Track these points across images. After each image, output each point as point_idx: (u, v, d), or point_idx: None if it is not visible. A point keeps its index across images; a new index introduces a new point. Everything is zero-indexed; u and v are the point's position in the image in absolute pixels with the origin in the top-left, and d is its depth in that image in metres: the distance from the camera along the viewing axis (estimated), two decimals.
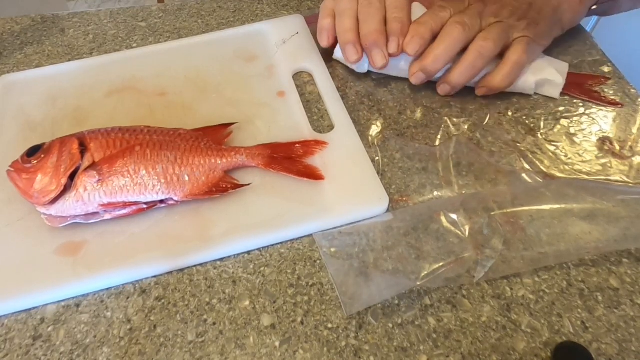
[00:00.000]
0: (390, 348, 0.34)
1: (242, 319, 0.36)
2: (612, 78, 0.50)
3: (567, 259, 0.38)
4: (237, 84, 0.50)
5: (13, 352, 0.35)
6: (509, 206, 0.40)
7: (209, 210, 0.40)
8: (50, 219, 0.38)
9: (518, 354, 0.34)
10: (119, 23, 0.59)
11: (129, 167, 0.38)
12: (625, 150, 0.45)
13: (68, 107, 0.49)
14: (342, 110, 0.47)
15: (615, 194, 0.40)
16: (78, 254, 0.38)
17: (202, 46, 0.54)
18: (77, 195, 0.38)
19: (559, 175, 0.43)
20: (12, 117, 0.48)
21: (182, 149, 0.40)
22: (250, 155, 0.42)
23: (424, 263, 0.37)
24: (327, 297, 0.37)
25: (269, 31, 0.55)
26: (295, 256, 0.39)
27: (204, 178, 0.40)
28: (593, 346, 0.34)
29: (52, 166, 0.37)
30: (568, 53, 0.53)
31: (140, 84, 0.50)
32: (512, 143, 0.45)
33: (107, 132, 0.40)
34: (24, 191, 0.37)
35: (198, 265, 0.39)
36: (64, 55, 0.55)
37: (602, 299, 0.36)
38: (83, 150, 0.38)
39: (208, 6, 0.61)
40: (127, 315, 0.36)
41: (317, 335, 0.35)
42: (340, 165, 0.42)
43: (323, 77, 0.50)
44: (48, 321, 0.36)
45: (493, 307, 0.36)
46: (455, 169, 0.44)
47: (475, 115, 0.48)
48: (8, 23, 0.59)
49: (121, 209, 0.39)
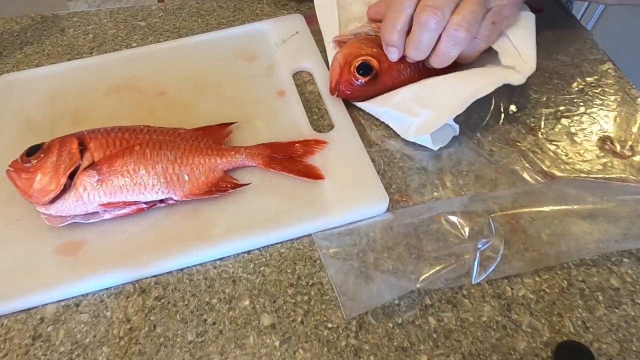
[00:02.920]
0: (391, 348, 0.34)
1: (242, 318, 0.36)
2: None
3: (568, 259, 0.38)
4: (237, 83, 0.50)
5: (13, 352, 0.35)
6: (510, 207, 0.40)
7: (209, 210, 0.40)
8: (49, 219, 0.38)
9: (518, 354, 0.34)
10: (118, 22, 0.59)
11: (129, 166, 0.38)
12: (625, 150, 0.45)
13: (67, 107, 0.48)
14: (342, 109, 0.47)
15: (616, 193, 0.40)
16: (78, 254, 0.38)
17: (201, 46, 0.54)
18: (77, 194, 0.37)
19: (559, 174, 0.43)
20: (12, 117, 0.48)
21: (182, 149, 0.40)
22: (250, 154, 0.42)
23: (424, 264, 0.37)
24: (327, 296, 0.37)
25: (269, 30, 0.55)
26: (295, 256, 0.39)
27: (203, 177, 0.40)
28: (594, 346, 0.34)
29: (51, 166, 0.37)
30: (568, 52, 0.53)
31: (139, 84, 0.50)
32: (512, 142, 0.45)
33: (107, 132, 0.39)
34: (24, 191, 0.37)
35: (198, 264, 0.39)
36: (63, 54, 0.55)
37: (603, 299, 0.36)
38: (83, 149, 0.38)
39: (208, 5, 0.61)
40: (126, 315, 0.36)
41: (317, 335, 0.35)
42: (340, 165, 0.42)
43: (323, 76, 0.50)
44: (48, 321, 0.36)
45: (493, 307, 0.36)
46: (455, 169, 0.44)
47: (476, 114, 0.47)
48: (8, 22, 0.59)
49: (121, 208, 0.39)
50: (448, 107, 0.42)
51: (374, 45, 0.46)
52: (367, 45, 0.46)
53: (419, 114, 0.43)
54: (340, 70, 0.45)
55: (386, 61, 0.45)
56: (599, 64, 0.52)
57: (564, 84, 0.50)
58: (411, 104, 0.44)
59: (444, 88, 0.44)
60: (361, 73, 0.45)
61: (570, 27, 0.56)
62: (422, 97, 0.44)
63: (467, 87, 0.42)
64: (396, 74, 0.46)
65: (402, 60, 0.45)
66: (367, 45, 0.46)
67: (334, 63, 0.46)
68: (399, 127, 0.46)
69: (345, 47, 0.47)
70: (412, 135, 0.44)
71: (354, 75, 0.45)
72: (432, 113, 0.43)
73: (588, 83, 0.50)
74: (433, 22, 0.40)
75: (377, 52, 0.45)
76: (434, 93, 0.44)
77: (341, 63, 0.45)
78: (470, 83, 0.43)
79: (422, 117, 0.43)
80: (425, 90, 0.44)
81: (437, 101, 0.43)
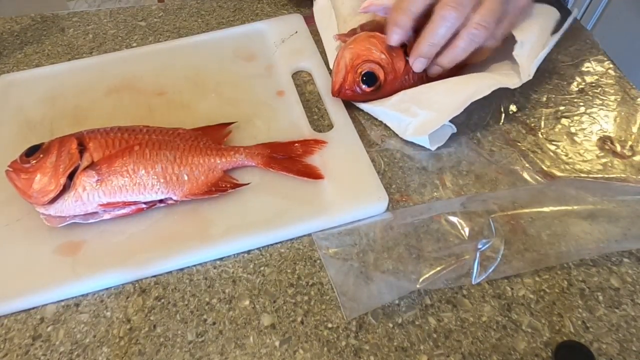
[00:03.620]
0: (391, 348, 0.34)
1: (242, 318, 0.36)
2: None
3: (568, 259, 0.38)
4: (236, 83, 0.50)
5: (12, 352, 0.35)
6: (510, 207, 0.40)
7: (208, 210, 0.40)
8: (49, 219, 0.38)
9: (518, 354, 0.34)
10: (118, 22, 0.59)
11: (128, 166, 0.38)
12: (625, 150, 0.45)
13: (67, 107, 0.48)
14: (341, 109, 0.47)
15: (616, 193, 0.40)
16: (77, 254, 0.38)
17: (201, 46, 0.54)
18: (76, 195, 0.37)
19: (559, 174, 0.43)
20: (11, 117, 0.48)
21: (182, 149, 0.40)
22: (250, 154, 0.42)
23: (424, 264, 0.37)
24: (327, 296, 0.37)
25: (268, 30, 0.55)
26: (295, 256, 0.39)
27: (203, 177, 0.40)
28: (594, 346, 0.34)
29: (51, 166, 0.37)
30: (569, 52, 0.53)
31: (139, 84, 0.50)
32: (512, 142, 0.45)
33: (106, 132, 0.39)
34: (23, 191, 0.37)
35: (198, 264, 0.39)
36: (63, 54, 0.55)
37: (603, 299, 0.36)
38: (82, 150, 0.38)
39: (208, 5, 0.61)
40: (126, 315, 0.36)
41: (317, 335, 0.35)
42: (340, 164, 0.42)
43: (322, 76, 0.50)
44: (48, 321, 0.36)
45: (493, 307, 0.36)
46: (455, 169, 0.44)
47: (476, 114, 0.47)
48: (8, 22, 0.59)
49: (120, 208, 0.39)
50: (446, 108, 0.42)
51: (384, 48, 0.44)
52: (377, 47, 0.44)
53: (417, 114, 0.43)
54: (346, 73, 0.44)
55: (392, 72, 0.44)
56: (599, 64, 0.52)
57: (564, 84, 0.50)
58: (409, 104, 0.44)
59: (442, 90, 0.44)
60: (365, 81, 0.44)
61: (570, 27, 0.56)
62: (420, 98, 0.44)
63: (465, 89, 0.43)
64: (399, 86, 0.46)
65: (407, 70, 0.45)
66: (377, 48, 0.44)
67: (340, 62, 0.45)
68: (396, 126, 0.46)
69: (354, 43, 0.45)
70: (409, 135, 0.44)
71: (358, 84, 0.44)
72: (430, 114, 0.43)
73: (588, 83, 0.50)
74: (454, 17, 0.40)
75: (386, 60, 0.44)
76: (432, 94, 0.44)
77: (347, 65, 0.44)
78: (468, 85, 0.43)
79: (420, 117, 0.43)
80: (423, 92, 0.44)
81: (435, 102, 0.43)
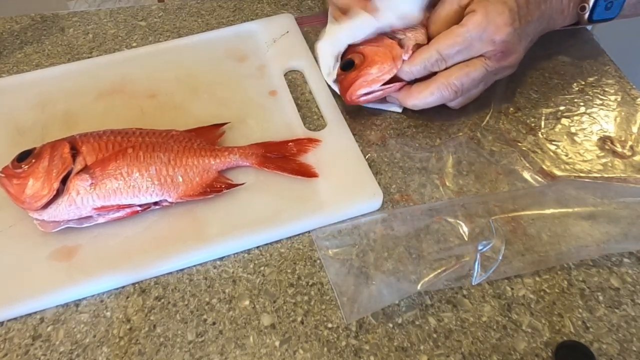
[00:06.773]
0: (391, 348, 0.34)
1: (242, 318, 0.36)
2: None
3: (568, 260, 0.38)
4: (228, 83, 0.50)
5: (12, 352, 0.35)
6: (510, 208, 0.40)
7: (204, 211, 0.40)
8: (42, 224, 0.38)
9: (519, 354, 0.34)
10: (118, 22, 0.59)
11: (122, 169, 0.38)
12: (626, 150, 0.45)
13: (57, 112, 0.48)
14: (334, 107, 0.47)
15: (616, 194, 0.40)
16: (72, 259, 0.38)
17: (192, 47, 0.53)
18: (70, 199, 0.37)
19: (559, 174, 0.43)
20: (1, 123, 0.47)
21: (175, 150, 0.40)
22: (244, 154, 0.42)
23: (424, 265, 0.37)
24: (327, 296, 0.37)
25: (259, 31, 0.54)
26: (295, 256, 0.39)
27: (197, 178, 0.40)
28: (594, 346, 0.34)
29: (43, 171, 0.36)
30: (569, 52, 0.53)
31: (130, 86, 0.50)
32: (512, 142, 0.45)
33: (99, 135, 0.39)
34: (15, 197, 0.37)
35: (198, 265, 0.39)
36: (63, 54, 0.55)
37: (603, 299, 0.36)
38: (75, 153, 0.38)
39: (208, 5, 0.61)
40: (126, 315, 0.36)
41: (317, 335, 0.35)
42: (334, 162, 0.42)
43: (314, 75, 0.50)
44: (47, 321, 0.36)
45: (494, 307, 0.36)
46: (455, 169, 0.43)
47: (476, 114, 0.47)
48: (8, 22, 0.59)
49: (115, 212, 0.38)
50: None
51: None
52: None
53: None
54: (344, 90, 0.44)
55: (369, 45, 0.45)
56: (599, 64, 0.52)
57: (564, 84, 0.50)
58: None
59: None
60: (343, 68, 0.44)
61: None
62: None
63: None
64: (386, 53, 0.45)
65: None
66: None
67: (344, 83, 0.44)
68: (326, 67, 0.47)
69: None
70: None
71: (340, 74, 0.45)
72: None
73: (588, 83, 0.50)
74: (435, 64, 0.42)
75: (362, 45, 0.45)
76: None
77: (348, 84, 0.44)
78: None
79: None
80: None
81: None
